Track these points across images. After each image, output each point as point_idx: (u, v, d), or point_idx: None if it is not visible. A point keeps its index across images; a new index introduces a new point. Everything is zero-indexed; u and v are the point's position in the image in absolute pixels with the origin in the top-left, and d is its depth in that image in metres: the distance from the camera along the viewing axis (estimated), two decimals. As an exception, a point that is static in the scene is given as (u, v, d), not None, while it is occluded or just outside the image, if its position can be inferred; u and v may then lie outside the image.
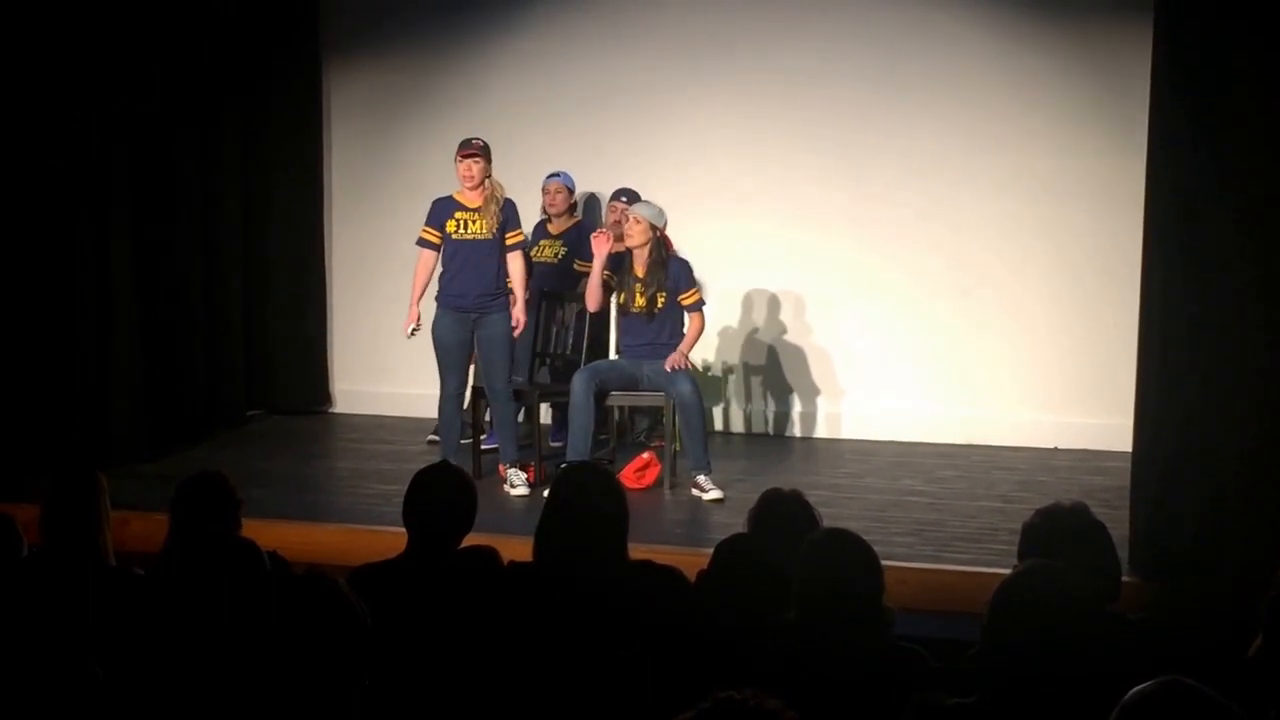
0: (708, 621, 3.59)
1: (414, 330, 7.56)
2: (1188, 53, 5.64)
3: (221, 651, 3.17)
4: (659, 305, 7.50)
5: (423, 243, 7.55)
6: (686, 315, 7.57)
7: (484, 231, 7.47)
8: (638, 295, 7.49)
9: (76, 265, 8.05)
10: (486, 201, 7.47)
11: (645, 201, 7.83)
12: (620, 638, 2.94)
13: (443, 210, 7.52)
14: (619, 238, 8.45)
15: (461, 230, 7.46)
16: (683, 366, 7.37)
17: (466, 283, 7.48)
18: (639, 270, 7.51)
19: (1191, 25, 5.64)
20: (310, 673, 2.93)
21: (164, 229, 8.64)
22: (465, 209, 7.48)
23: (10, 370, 7.93)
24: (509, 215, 7.60)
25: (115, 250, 8.19)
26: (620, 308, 7.66)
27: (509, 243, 7.56)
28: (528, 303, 8.34)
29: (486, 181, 7.50)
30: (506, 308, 7.58)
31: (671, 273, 7.50)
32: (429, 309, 7.61)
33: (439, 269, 7.58)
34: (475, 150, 7.50)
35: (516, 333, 7.62)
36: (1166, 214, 5.74)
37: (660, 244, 7.52)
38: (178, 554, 3.64)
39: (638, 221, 7.51)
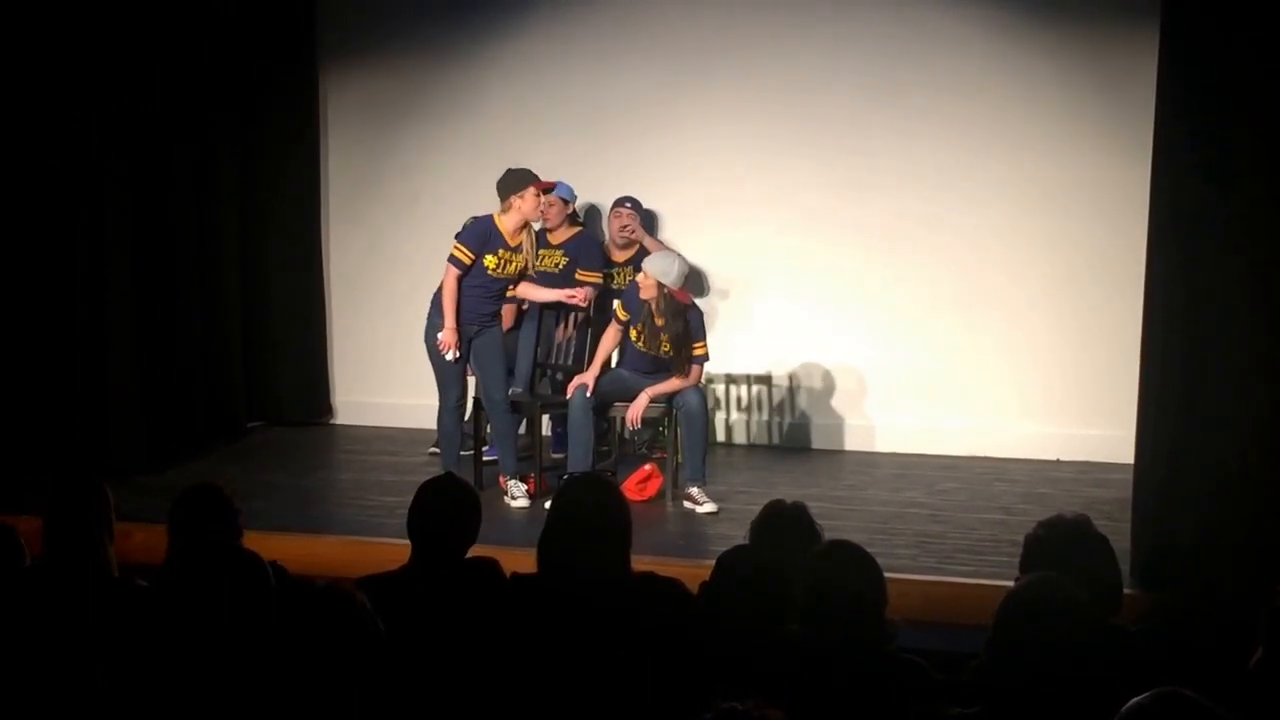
0: (710, 633, 3.60)
1: (457, 356, 7.45)
2: (1192, 63, 5.65)
3: (225, 663, 3.17)
4: (665, 350, 7.48)
5: (458, 262, 7.43)
6: (689, 363, 7.49)
7: (515, 273, 7.54)
8: (654, 340, 7.47)
9: (74, 277, 8.06)
10: (523, 242, 7.54)
11: (661, 253, 7.78)
12: (622, 648, 2.95)
13: (488, 240, 7.45)
14: (623, 245, 8.52)
15: (500, 270, 7.50)
16: (633, 419, 7.47)
17: (480, 307, 7.55)
18: (658, 319, 7.47)
19: (1196, 35, 5.65)
20: (324, 684, 2.93)
21: (162, 239, 8.65)
22: (508, 247, 7.48)
23: (10, 382, 7.94)
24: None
25: (113, 261, 8.20)
26: (631, 340, 7.63)
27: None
28: (525, 312, 8.37)
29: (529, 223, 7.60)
30: (500, 322, 7.69)
31: (693, 324, 7.47)
32: (421, 319, 7.62)
33: None
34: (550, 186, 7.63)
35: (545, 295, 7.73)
36: (1169, 226, 5.75)
37: (670, 298, 7.41)
38: (180, 565, 3.64)
39: (646, 276, 7.44)
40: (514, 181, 7.51)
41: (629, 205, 8.54)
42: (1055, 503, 7.16)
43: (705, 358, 7.55)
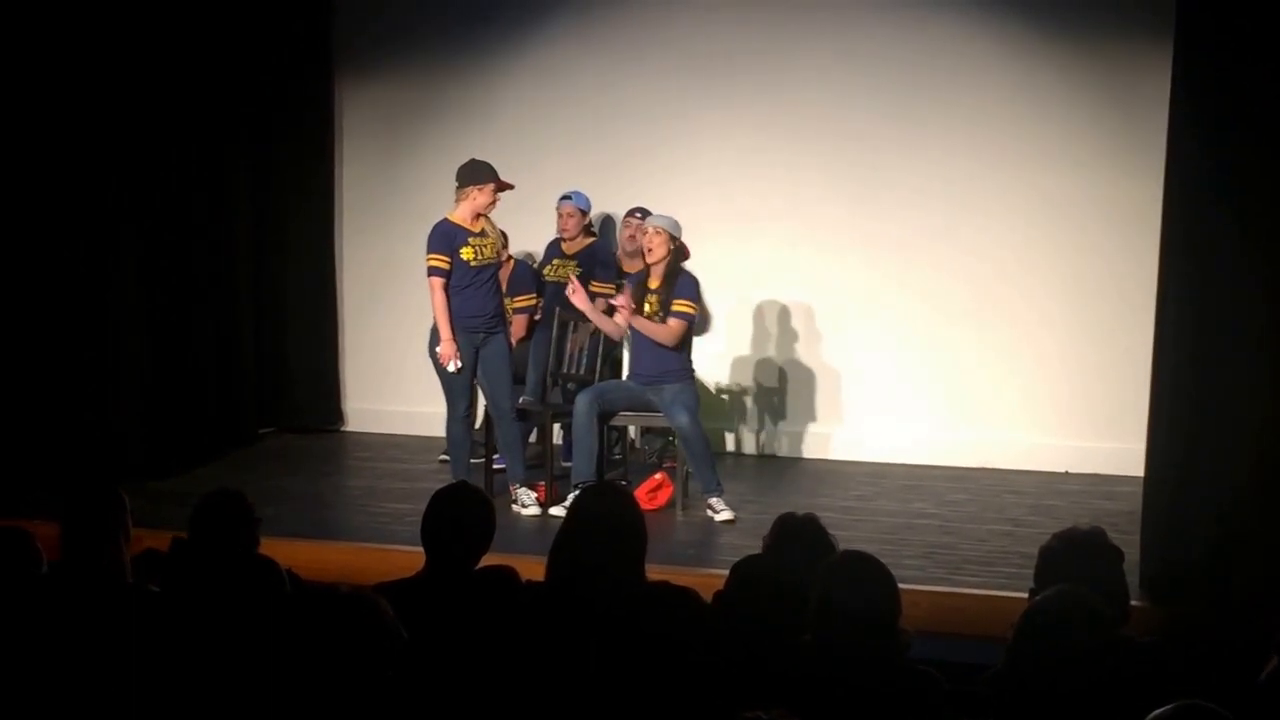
0: (725, 643, 3.60)
1: (459, 367, 7.40)
2: (1205, 80, 5.66)
3: (238, 668, 3.19)
4: (652, 312, 7.46)
5: (438, 272, 7.36)
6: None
7: (494, 255, 7.52)
8: (647, 305, 7.50)
9: (87, 282, 8.09)
10: (485, 226, 7.51)
11: (660, 214, 7.82)
12: (638, 658, 2.96)
13: (453, 237, 7.40)
14: (634, 254, 8.50)
15: (479, 257, 7.44)
16: (623, 307, 7.37)
17: (482, 304, 7.48)
18: (654, 283, 7.51)
19: (1209, 52, 5.66)
20: (348, 689, 2.94)
21: (175, 247, 8.69)
22: (473, 234, 7.45)
23: (23, 387, 7.97)
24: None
25: (127, 268, 8.25)
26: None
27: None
28: (539, 322, 8.39)
29: None
30: (506, 329, 7.67)
31: (679, 283, 7.48)
32: (423, 331, 7.61)
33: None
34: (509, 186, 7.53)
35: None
36: (1180, 241, 5.76)
37: (679, 253, 7.51)
38: (197, 571, 3.66)
39: (658, 233, 7.48)
40: (476, 172, 7.44)
41: (640, 215, 8.56)
42: (1064, 515, 7.18)
43: (688, 315, 7.45)
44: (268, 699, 3.05)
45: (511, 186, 7.53)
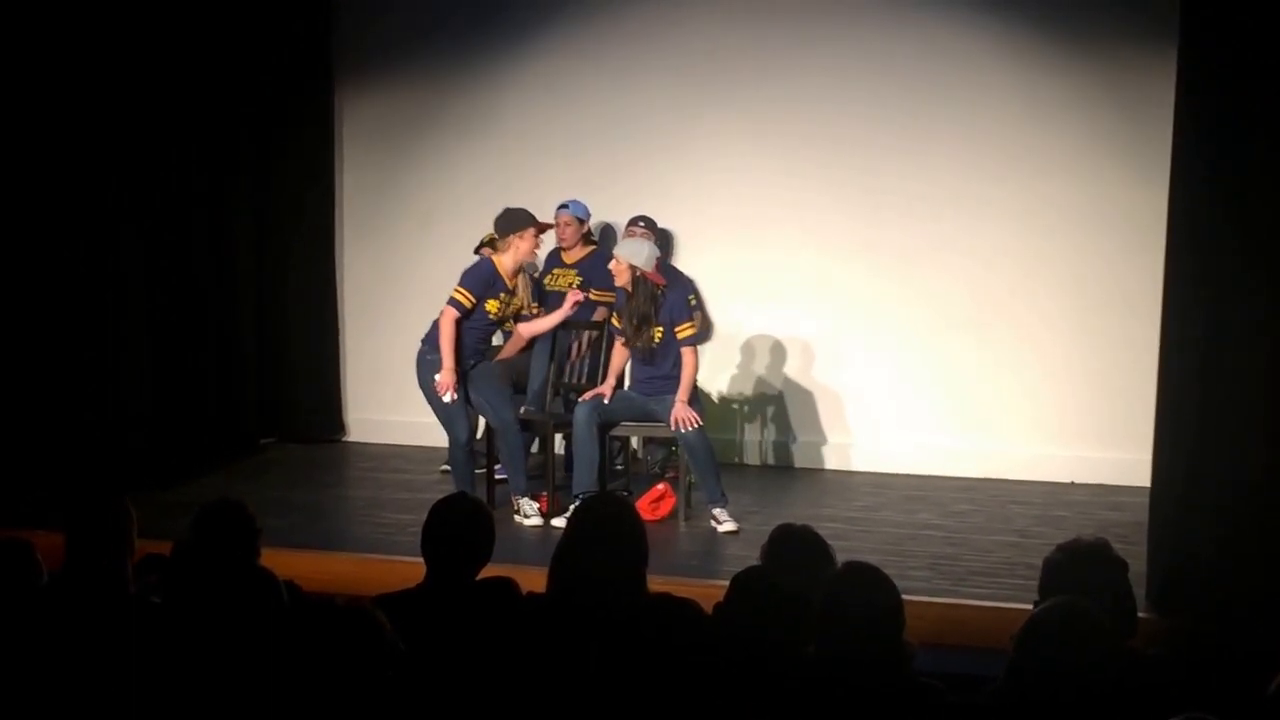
0: (726, 654, 3.58)
1: (455, 398, 7.39)
2: (1209, 81, 5.64)
3: (240, 681, 3.17)
4: (655, 340, 7.47)
5: (459, 305, 7.39)
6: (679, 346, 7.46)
7: (513, 313, 7.62)
8: (637, 334, 7.49)
9: (89, 292, 8.09)
10: (519, 284, 7.59)
11: (630, 239, 7.82)
12: (639, 669, 2.95)
13: (491, 285, 7.45)
14: None
15: (501, 312, 7.54)
16: (685, 421, 7.30)
17: (477, 345, 7.57)
18: (634, 302, 7.51)
19: (1214, 57, 5.64)
20: (344, 703, 2.92)
21: (177, 256, 8.69)
22: (508, 290, 7.51)
23: (25, 396, 7.96)
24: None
25: (128, 276, 8.24)
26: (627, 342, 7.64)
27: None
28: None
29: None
30: (491, 351, 7.75)
31: (666, 306, 7.46)
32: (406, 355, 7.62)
33: None
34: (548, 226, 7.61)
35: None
36: (1186, 248, 5.73)
37: (643, 281, 7.45)
38: (196, 582, 3.64)
39: (618, 263, 7.49)
40: (516, 220, 7.50)
41: (642, 224, 8.54)
42: (1070, 525, 7.16)
43: (692, 338, 7.48)
44: (266, 712, 3.03)
45: (551, 226, 7.61)
